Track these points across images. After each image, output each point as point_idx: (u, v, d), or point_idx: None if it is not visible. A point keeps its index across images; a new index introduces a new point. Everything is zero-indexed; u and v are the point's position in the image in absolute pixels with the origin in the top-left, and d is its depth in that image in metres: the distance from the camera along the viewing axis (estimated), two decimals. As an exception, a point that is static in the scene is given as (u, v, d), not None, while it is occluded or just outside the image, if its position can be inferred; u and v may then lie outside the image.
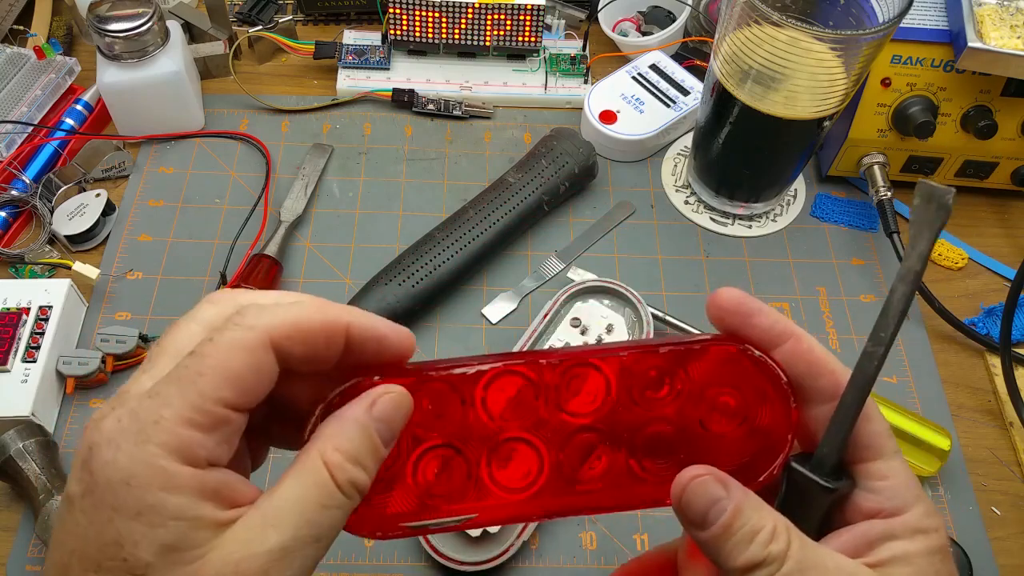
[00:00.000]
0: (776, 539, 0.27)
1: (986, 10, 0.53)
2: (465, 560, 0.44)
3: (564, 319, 0.50)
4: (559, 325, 0.50)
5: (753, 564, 0.27)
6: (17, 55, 0.65)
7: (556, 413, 0.30)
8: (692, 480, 0.28)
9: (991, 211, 0.64)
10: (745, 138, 0.56)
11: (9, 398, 0.47)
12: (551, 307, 0.51)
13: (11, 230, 0.58)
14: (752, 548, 0.27)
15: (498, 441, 0.30)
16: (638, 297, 0.50)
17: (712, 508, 0.27)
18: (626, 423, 0.30)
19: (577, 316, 0.50)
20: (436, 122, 0.67)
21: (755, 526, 0.27)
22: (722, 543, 0.27)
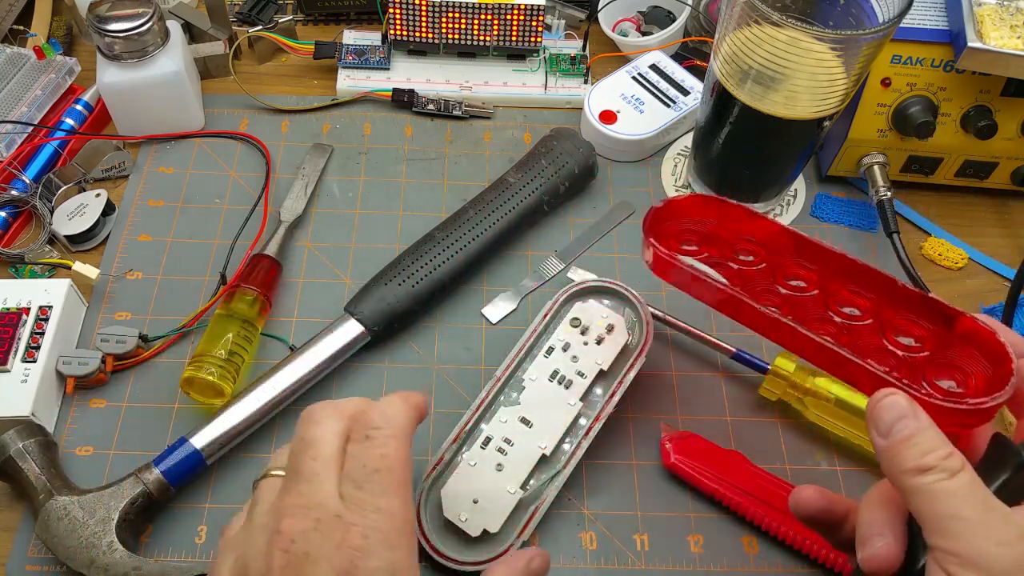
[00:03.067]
0: (951, 458, 0.30)
1: (986, 10, 0.53)
2: (465, 560, 0.44)
3: (564, 319, 0.50)
4: (559, 325, 0.50)
5: (925, 467, 0.30)
6: (17, 55, 0.65)
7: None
8: (887, 396, 0.33)
9: (991, 211, 0.64)
10: (745, 138, 0.56)
11: (9, 398, 0.47)
12: (551, 307, 0.51)
13: (11, 230, 0.58)
14: (926, 457, 0.30)
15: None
16: (638, 297, 0.50)
17: (898, 422, 0.32)
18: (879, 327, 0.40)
19: (577, 316, 0.50)
20: (436, 122, 0.67)
21: (933, 445, 0.31)
22: (899, 450, 0.31)
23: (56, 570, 0.45)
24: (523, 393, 0.48)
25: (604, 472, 0.50)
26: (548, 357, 0.49)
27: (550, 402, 0.48)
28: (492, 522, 0.44)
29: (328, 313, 0.54)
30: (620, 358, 0.49)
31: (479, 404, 0.48)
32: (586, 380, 0.48)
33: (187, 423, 0.49)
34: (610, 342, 0.50)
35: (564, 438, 0.47)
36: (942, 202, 0.64)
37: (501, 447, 0.46)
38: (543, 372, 0.49)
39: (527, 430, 0.47)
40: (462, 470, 0.46)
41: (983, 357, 0.37)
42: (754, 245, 0.45)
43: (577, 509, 0.48)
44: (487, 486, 0.45)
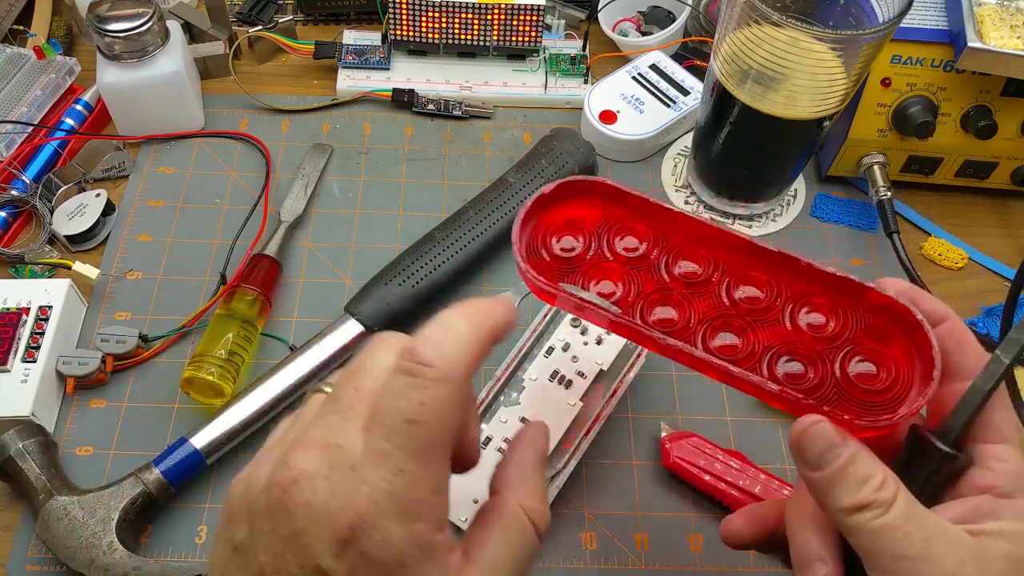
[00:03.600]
0: (885, 488, 0.29)
1: (986, 10, 0.53)
2: None
3: (564, 319, 0.50)
4: (559, 325, 0.50)
5: (860, 505, 0.29)
6: (17, 55, 0.65)
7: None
8: (813, 425, 0.30)
9: (991, 211, 0.64)
10: (745, 138, 0.56)
11: (9, 398, 0.47)
12: (551, 307, 0.51)
13: (11, 230, 0.58)
14: (862, 491, 0.29)
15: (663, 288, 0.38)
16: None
17: (828, 453, 0.30)
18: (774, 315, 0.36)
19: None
20: (436, 122, 0.67)
21: (867, 474, 0.29)
22: (833, 485, 0.29)
23: (56, 570, 0.45)
24: (523, 393, 0.48)
25: (604, 472, 0.50)
26: (548, 357, 0.49)
27: (550, 402, 0.48)
28: None
29: (328, 313, 0.54)
30: (620, 358, 0.49)
31: (479, 404, 0.48)
32: (586, 380, 0.48)
33: (187, 423, 0.49)
34: (610, 342, 0.49)
35: (564, 438, 0.47)
36: (942, 202, 0.64)
37: (501, 447, 0.46)
38: (543, 372, 0.49)
39: None
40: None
41: (900, 331, 0.34)
42: (643, 228, 0.39)
43: (577, 509, 0.48)
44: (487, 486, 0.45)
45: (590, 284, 0.38)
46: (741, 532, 0.35)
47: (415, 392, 0.27)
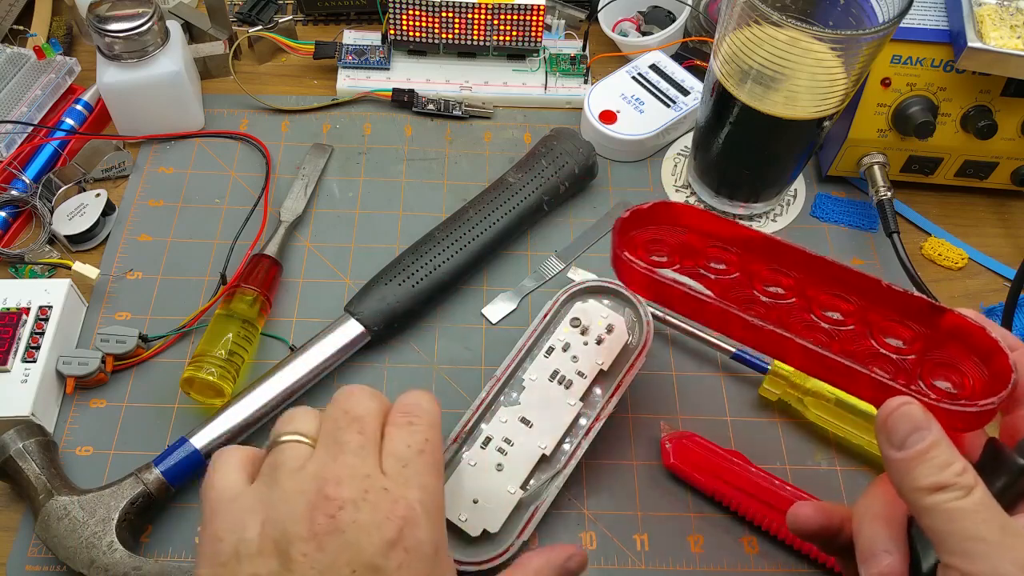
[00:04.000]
0: (966, 474, 0.30)
1: (986, 10, 0.53)
2: (465, 560, 0.44)
3: (564, 319, 0.50)
4: (559, 325, 0.50)
5: (941, 485, 0.30)
6: (17, 55, 0.65)
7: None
8: (901, 406, 0.32)
9: (991, 211, 0.64)
10: (745, 138, 0.56)
11: (9, 398, 0.47)
12: (551, 307, 0.50)
13: (11, 230, 0.58)
14: (943, 473, 0.30)
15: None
16: (638, 297, 0.50)
17: (914, 434, 0.31)
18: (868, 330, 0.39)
19: (577, 316, 0.50)
20: (436, 122, 0.67)
21: (948, 459, 0.30)
22: (916, 465, 0.31)
23: (56, 570, 0.45)
24: (523, 393, 0.48)
25: (604, 472, 0.50)
26: (548, 357, 0.49)
27: (550, 402, 0.48)
28: (492, 522, 0.44)
29: (328, 313, 0.54)
30: (620, 358, 0.49)
31: (479, 404, 0.48)
32: (586, 380, 0.48)
33: (187, 423, 0.49)
34: (610, 342, 0.49)
35: (564, 438, 0.47)
36: (942, 202, 0.64)
37: (501, 447, 0.46)
38: (543, 372, 0.48)
39: (527, 430, 0.47)
40: (462, 470, 0.46)
41: (974, 354, 0.36)
42: (727, 252, 0.43)
43: (577, 509, 0.48)
44: (487, 486, 0.45)
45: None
46: (808, 521, 0.36)
47: (418, 434, 0.35)
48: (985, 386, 0.35)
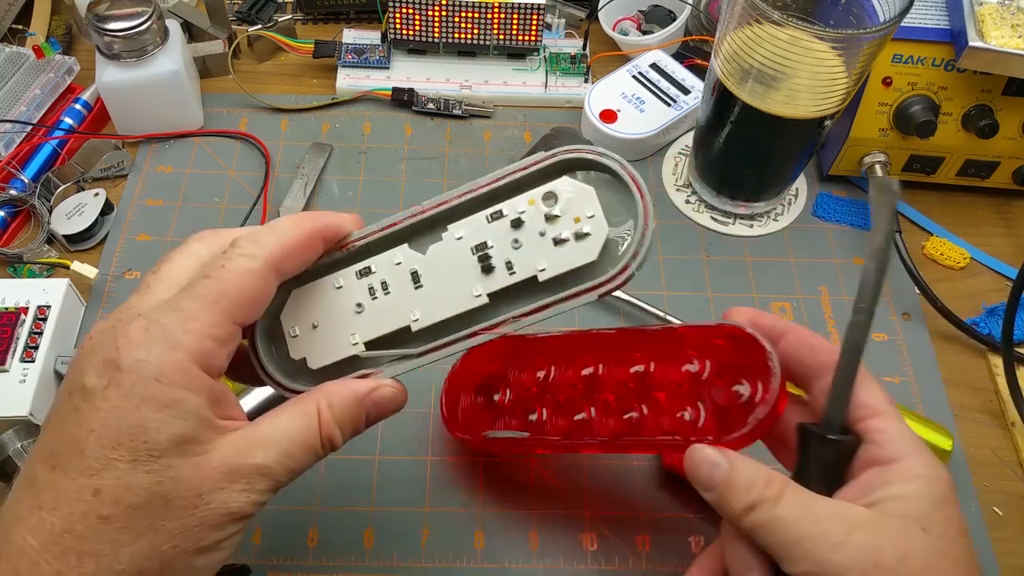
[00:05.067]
0: (770, 486, 0.32)
1: (987, 9, 0.53)
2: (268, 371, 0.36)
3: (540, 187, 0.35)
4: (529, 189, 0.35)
5: (750, 506, 0.32)
6: (16, 54, 0.65)
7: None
8: (693, 453, 0.34)
9: (993, 211, 0.64)
10: (746, 137, 0.55)
11: (7, 398, 0.47)
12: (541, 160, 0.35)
13: (9, 229, 0.58)
14: (749, 494, 0.32)
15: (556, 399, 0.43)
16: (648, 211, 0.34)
17: (713, 472, 0.33)
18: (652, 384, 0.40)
19: (556, 192, 0.35)
20: (436, 121, 0.67)
21: (750, 478, 0.32)
22: (726, 497, 0.33)
23: (54, 571, 0.45)
24: (435, 246, 0.36)
25: (604, 473, 0.49)
26: (490, 223, 0.35)
27: (454, 277, 0.35)
28: (316, 356, 0.36)
29: (327, 313, 0.53)
30: (569, 277, 0.35)
31: (383, 227, 0.37)
32: (511, 278, 0.35)
33: (186, 423, 0.49)
34: (571, 251, 0.34)
35: (443, 325, 0.36)
36: (944, 201, 0.64)
37: (373, 287, 0.36)
38: (471, 237, 0.36)
39: (412, 289, 0.36)
40: (323, 286, 0.36)
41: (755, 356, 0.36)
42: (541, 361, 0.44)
43: (577, 510, 0.48)
44: (335, 319, 0.36)
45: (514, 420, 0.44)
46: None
47: (222, 260, 0.31)
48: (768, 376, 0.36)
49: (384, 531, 0.47)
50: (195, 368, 0.29)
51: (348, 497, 0.48)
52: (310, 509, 0.47)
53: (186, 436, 0.28)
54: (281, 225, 0.33)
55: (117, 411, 0.28)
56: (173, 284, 0.31)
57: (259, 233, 0.32)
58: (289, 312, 0.37)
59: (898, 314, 0.57)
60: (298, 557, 0.46)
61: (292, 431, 0.31)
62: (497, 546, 0.47)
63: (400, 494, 0.48)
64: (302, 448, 0.31)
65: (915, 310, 0.58)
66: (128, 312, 0.30)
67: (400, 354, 0.36)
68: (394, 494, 0.48)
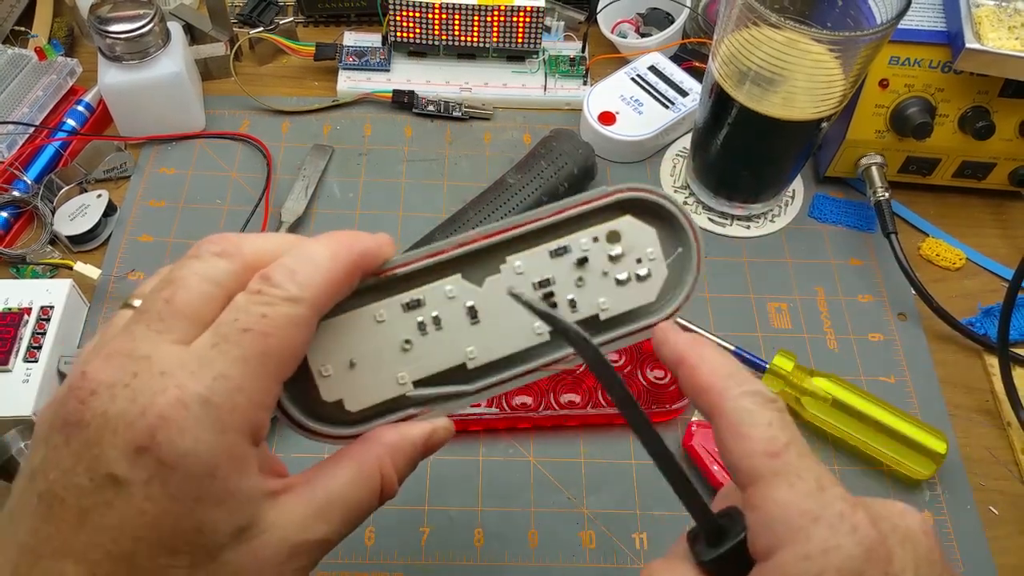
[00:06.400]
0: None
1: (984, 11, 0.54)
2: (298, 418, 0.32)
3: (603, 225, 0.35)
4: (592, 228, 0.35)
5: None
6: (18, 56, 0.65)
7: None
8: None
9: (989, 212, 0.64)
10: (743, 139, 0.56)
11: (11, 398, 0.47)
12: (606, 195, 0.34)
13: (12, 231, 0.58)
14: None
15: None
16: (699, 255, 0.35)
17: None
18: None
19: (620, 232, 0.34)
20: (436, 123, 0.67)
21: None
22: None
23: (57, 569, 0.45)
24: (493, 277, 0.34)
25: (603, 471, 0.50)
26: (553, 259, 0.34)
27: (516, 312, 0.33)
28: (355, 398, 0.32)
29: (328, 313, 0.54)
30: (628, 317, 0.35)
31: (434, 252, 0.33)
32: (574, 315, 0.34)
33: (188, 423, 0.49)
34: (633, 291, 0.35)
35: (500, 363, 0.34)
36: (940, 203, 0.64)
37: (424, 322, 0.33)
38: (534, 271, 0.34)
39: (468, 325, 0.33)
40: (361, 318, 0.32)
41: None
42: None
43: (576, 508, 0.48)
44: (378, 356, 0.33)
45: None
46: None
47: (257, 307, 0.25)
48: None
49: (384, 529, 0.47)
50: (246, 447, 0.25)
51: (349, 496, 0.48)
52: (311, 508, 0.48)
53: (245, 525, 0.25)
54: (320, 258, 0.27)
55: (168, 515, 0.23)
56: (194, 322, 0.25)
57: (298, 267, 0.26)
58: (318, 348, 0.31)
59: (894, 314, 0.58)
60: (299, 555, 0.46)
61: (355, 496, 0.28)
62: (497, 544, 0.47)
63: (401, 493, 0.48)
64: (361, 513, 0.28)
65: (911, 311, 0.58)
66: (145, 365, 0.24)
67: (453, 392, 0.33)
68: (394, 493, 0.48)
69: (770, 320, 0.57)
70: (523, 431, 0.51)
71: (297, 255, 0.27)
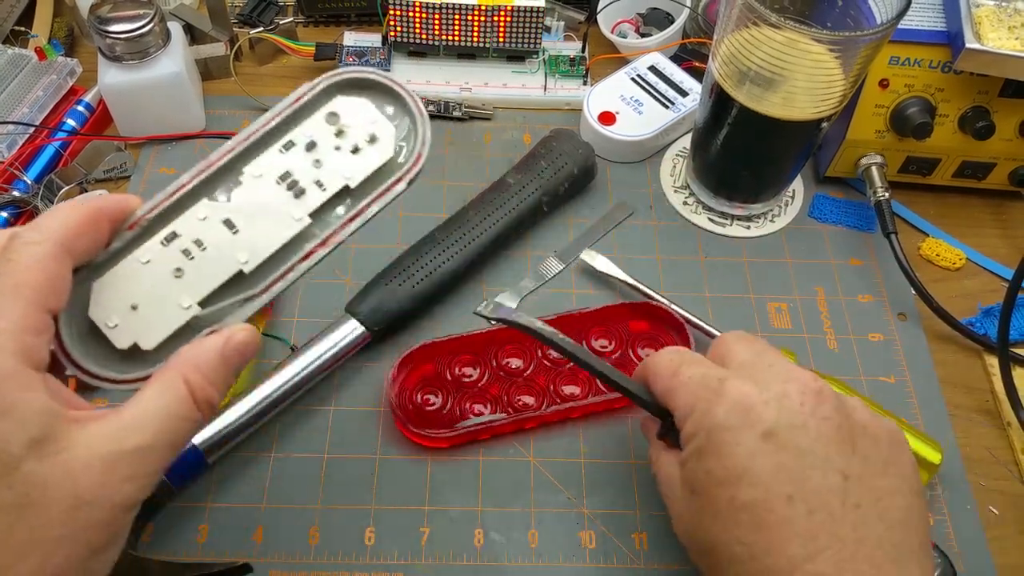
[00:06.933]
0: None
1: (984, 11, 0.54)
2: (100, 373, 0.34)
3: (319, 111, 0.37)
4: (311, 117, 0.37)
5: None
6: (18, 56, 0.65)
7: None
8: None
9: (989, 212, 0.64)
10: (743, 139, 0.56)
11: (11, 398, 0.47)
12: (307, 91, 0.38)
13: (12, 231, 0.58)
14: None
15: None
16: (421, 107, 0.38)
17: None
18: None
19: (336, 112, 0.37)
20: (436, 123, 0.67)
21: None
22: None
23: (57, 569, 0.45)
24: (238, 190, 0.36)
25: (603, 471, 0.50)
26: (284, 153, 0.37)
27: (270, 209, 0.36)
28: (148, 336, 0.34)
29: (328, 313, 0.54)
30: (376, 177, 0.37)
31: (174, 190, 0.35)
32: (325, 193, 0.36)
33: (188, 423, 0.49)
34: (369, 154, 0.37)
35: (275, 257, 0.36)
36: (940, 203, 0.64)
37: (188, 249, 0.35)
38: (272, 170, 0.36)
39: (230, 236, 0.35)
40: (127, 265, 0.34)
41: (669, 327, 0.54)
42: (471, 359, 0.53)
43: (576, 508, 0.48)
44: (155, 292, 0.34)
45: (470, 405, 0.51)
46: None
47: (7, 255, 0.29)
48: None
49: (385, 529, 0.47)
50: (26, 367, 0.27)
51: (349, 496, 0.48)
52: (311, 508, 0.48)
53: (39, 437, 0.26)
54: (60, 209, 0.31)
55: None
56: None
57: (38, 220, 0.30)
58: (98, 305, 0.34)
59: (894, 314, 0.58)
60: (299, 555, 0.46)
61: (163, 405, 0.30)
62: (497, 544, 0.47)
63: (400, 493, 0.49)
64: (178, 419, 0.30)
65: (911, 311, 0.58)
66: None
67: (241, 299, 0.35)
68: (395, 493, 0.48)
69: (770, 320, 0.57)
70: (523, 431, 0.51)
71: (41, 215, 0.32)
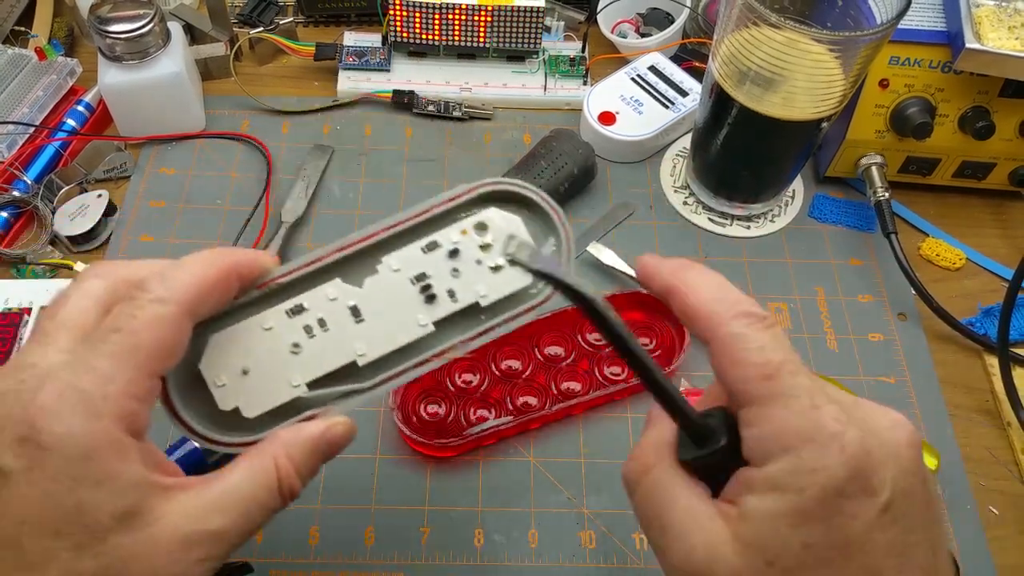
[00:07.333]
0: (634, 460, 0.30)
1: (984, 11, 0.54)
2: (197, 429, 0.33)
3: (469, 218, 0.37)
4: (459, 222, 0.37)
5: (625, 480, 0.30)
6: (18, 56, 0.65)
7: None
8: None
9: (989, 212, 0.64)
10: (743, 139, 0.56)
11: (11, 398, 0.47)
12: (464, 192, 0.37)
13: (12, 231, 0.58)
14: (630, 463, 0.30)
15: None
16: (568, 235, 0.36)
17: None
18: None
19: (486, 223, 0.37)
20: (436, 123, 0.67)
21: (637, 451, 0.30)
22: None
23: (58, 569, 0.45)
24: (372, 278, 0.36)
25: (603, 471, 0.50)
26: (425, 254, 0.36)
27: (398, 308, 0.35)
28: (251, 404, 0.33)
29: (328, 313, 0.54)
30: (508, 301, 0.36)
31: (310, 262, 0.35)
32: (455, 305, 0.36)
33: (188, 423, 0.49)
34: (508, 275, 0.36)
35: (390, 357, 0.35)
36: (940, 203, 0.64)
37: (310, 326, 0.34)
38: (409, 268, 0.36)
39: (353, 324, 0.35)
40: (249, 328, 0.34)
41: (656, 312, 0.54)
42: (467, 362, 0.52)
43: (576, 508, 0.48)
44: (270, 362, 0.34)
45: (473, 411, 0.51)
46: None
47: (127, 308, 0.28)
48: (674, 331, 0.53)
49: (385, 529, 0.47)
50: (122, 434, 0.26)
51: (349, 496, 0.48)
52: (311, 508, 0.48)
53: (129, 510, 0.26)
54: (192, 263, 0.30)
55: (49, 497, 0.25)
56: (74, 331, 0.28)
57: (168, 273, 0.29)
58: (210, 360, 0.33)
59: (894, 314, 0.58)
60: (299, 555, 0.46)
61: (250, 490, 0.29)
62: (497, 544, 0.47)
63: (401, 493, 0.49)
64: (260, 508, 0.29)
65: (911, 311, 0.58)
66: (31, 371, 0.27)
67: (348, 390, 0.34)
68: (395, 493, 0.48)
69: (770, 320, 0.57)
70: (526, 431, 0.51)
71: (170, 264, 0.30)
